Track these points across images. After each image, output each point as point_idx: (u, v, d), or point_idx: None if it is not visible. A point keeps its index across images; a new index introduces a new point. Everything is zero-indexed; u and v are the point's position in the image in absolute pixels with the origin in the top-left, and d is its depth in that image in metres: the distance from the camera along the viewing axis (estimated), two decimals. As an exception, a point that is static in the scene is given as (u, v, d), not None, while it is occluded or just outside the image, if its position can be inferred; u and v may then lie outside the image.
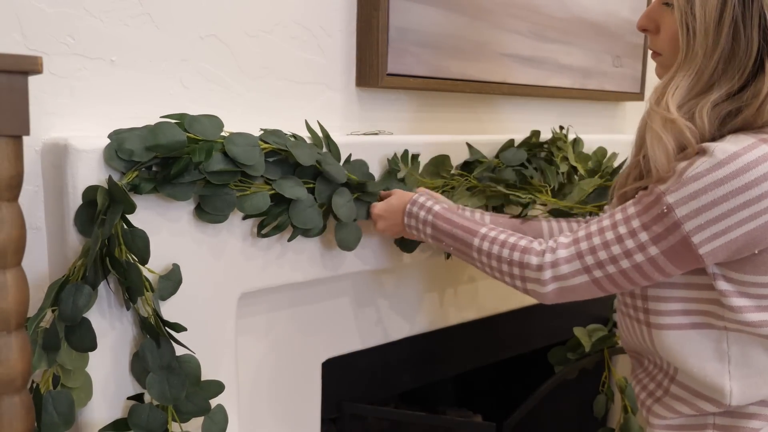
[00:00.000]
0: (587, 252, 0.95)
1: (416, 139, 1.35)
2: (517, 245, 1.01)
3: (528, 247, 1.00)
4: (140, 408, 1.00)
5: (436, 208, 1.12)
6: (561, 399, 1.69)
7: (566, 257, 0.96)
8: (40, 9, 0.97)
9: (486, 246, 1.04)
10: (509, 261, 1.01)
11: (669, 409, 1.02)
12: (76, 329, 0.94)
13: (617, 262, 0.93)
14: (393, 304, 1.43)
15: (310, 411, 1.33)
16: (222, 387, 1.05)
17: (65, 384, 0.95)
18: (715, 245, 0.88)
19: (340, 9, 1.30)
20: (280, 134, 1.11)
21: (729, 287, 0.92)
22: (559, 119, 1.72)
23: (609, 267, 0.94)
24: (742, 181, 0.85)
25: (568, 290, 0.98)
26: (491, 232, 1.05)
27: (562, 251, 0.97)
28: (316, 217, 1.14)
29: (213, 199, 1.04)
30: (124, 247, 0.95)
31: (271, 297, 1.22)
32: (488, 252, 1.04)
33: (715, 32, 0.90)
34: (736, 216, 0.86)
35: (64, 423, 0.94)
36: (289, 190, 1.10)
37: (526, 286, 1.01)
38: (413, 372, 1.55)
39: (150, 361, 0.99)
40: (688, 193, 0.87)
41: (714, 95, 0.91)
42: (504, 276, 1.03)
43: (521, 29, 1.57)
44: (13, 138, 0.73)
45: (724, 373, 0.96)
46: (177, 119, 1.01)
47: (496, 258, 1.03)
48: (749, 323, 0.93)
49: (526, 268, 0.99)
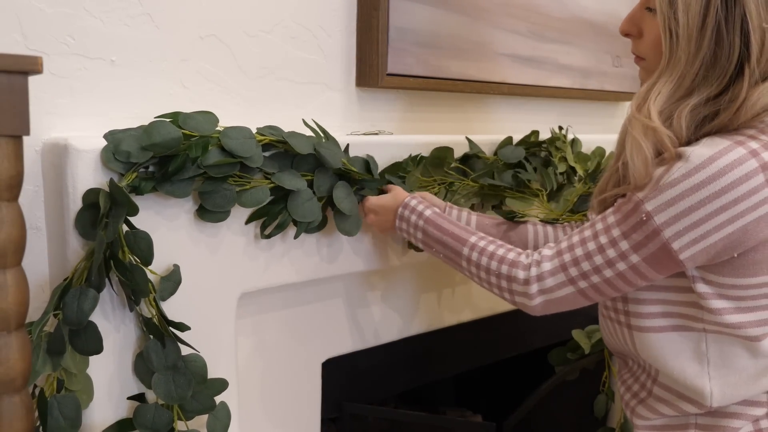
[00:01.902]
0: (571, 264, 0.95)
1: (416, 139, 1.35)
2: (505, 258, 1.02)
3: (515, 260, 1.01)
4: (145, 408, 1.00)
5: (427, 213, 1.13)
6: (561, 399, 1.69)
7: (551, 270, 0.97)
8: (40, 9, 0.97)
9: (475, 256, 1.05)
10: (497, 274, 1.02)
11: (652, 411, 1.03)
12: (81, 333, 0.95)
13: (600, 272, 0.93)
14: (393, 303, 1.43)
15: (310, 411, 1.34)
16: (226, 384, 1.05)
17: (68, 387, 0.95)
18: (694, 250, 0.88)
19: (340, 9, 1.30)
20: (276, 128, 1.12)
21: (708, 290, 0.92)
22: (559, 119, 1.72)
23: (593, 277, 0.94)
24: (718, 185, 0.85)
25: (555, 302, 0.98)
26: (480, 242, 1.06)
27: (546, 264, 0.97)
28: (315, 209, 1.14)
29: (213, 195, 1.04)
30: (126, 249, 0.95)
31: (272, 297, 1.22)
32: (477, 263, 1.05)
33: (698, 37, 0.89)
34: (713, 221, 0.86)
35: (71, 427, 0.94)
36: (288, 181, 1.10)
37: (514, 299, 1.02)
38: (413, 372, 1.55)
39: (155, 361, 0.99)
40: (665, 200, 0.87)
41: (693, 100, 0.91)
42: (492, 287, 1.04)
43: (520, 29, 1.57)
44: (13, 138, 0.73)
45: (703, 375, 0.96)
46: (171, 117, 1.01)
47: (484, 269, 1.04)
48: (729, 325, 0.93)
49: (513, 282, 1.00)
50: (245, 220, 1.11)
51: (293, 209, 1.12)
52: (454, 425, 1.62)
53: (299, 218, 1.13)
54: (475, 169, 1.40)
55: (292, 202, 1.12)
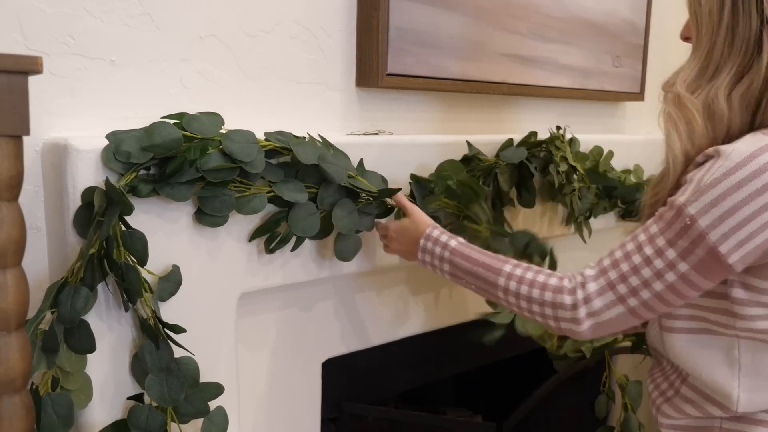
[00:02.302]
0: (618, 281, 0.91)
1: (416, 139, 1.35)
2: (548, 285, 0.97)
3: (559, 286, 0.96)
4: (139, 409, 1.00)
5: (453, 244, 1.08)
6: (561, 399, 1.69)
7: (597, 290, 0.93)
8: (40, 9, 0.97)
9: (513, 286, 1.00)
10: (540, 302, 0.97)
11: (677, 410, 1.02)
12: (75, 331, 0.94)
13: (650, 285, 0.89)
14: (393, 304, 1.43)
15: (310, 411, 1.33)
16: (221, 389, 1.05)
17: (64, 386, 0.95)
18: (742, 252, 0.85)
19: (340, 9, 1.30)
20: (285, 134, 1.11)
21: (744, 295, 0.91)
22: (559, 119, 1.72)
23: (643, 293, 0.90)
24: (760, 182, 0.83)
25: (604, 324, 0.94)
26: (516, 270, 1.01)
27: (591, 285, 0.93)
28: (316, 225, 1.13)
29: (212, 200, 1.03)
30: (122, 248, 0.95)
31: (271, 297, 1.22)
32: (516, 292, 1.00)
33: (719, 11, 0.92)
34: (758, 219, 0.84)
35: (64, 425, 0.93)
36: (288, 193, 1.09)
37: (560, 326, 0.96)
38: (413, 372, 1.55)
39: (149, 362, 0.99)
40: (708, 201, 0.85)
41: (724, 77, 0.92)
42: (535, 316, 0.99)
43: (521, 29, 1.57)
44: (13, 138, 0.73)
45: (733, 380, 0.95)
46: (176, 119, 1.01)
47: (525, 299, 0.99)
48: (762, 331, 0.91)
49: (559, 309, 0.95)
50: (248, 237, 1.11)
51: (293, 223, 1.11)
52: (454, 425, 1.62)
53: (298, 233, 1.11)
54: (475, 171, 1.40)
55: (293, 216, 1.11)
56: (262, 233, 1.11)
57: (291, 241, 1.15)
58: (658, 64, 2.08)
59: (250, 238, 1.11)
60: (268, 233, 1.11)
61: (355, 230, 1.18)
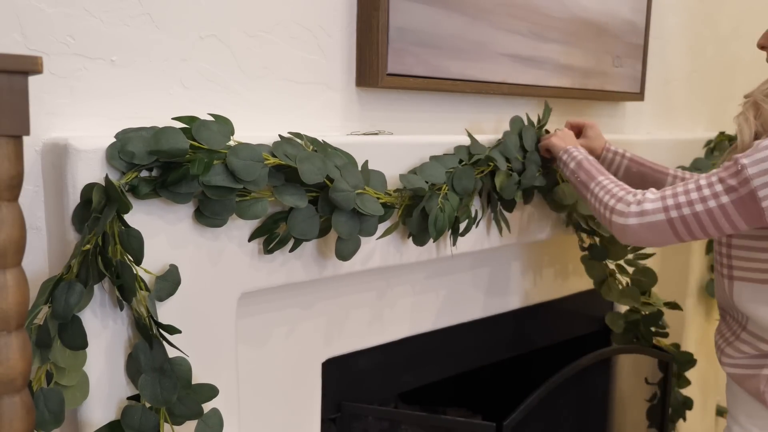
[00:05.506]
0: (670, 196, 1.15)
1: (416, 140, 1.35)
2: (617, 194, 1.22)
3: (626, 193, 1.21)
4: (133, 410, 1.00)
5: (579, 158, 1.36)
6: (561, 399, 1.69)
7: (652, 199, 1.17)
8: (40, 9, 0.97)
9: (596, 190, 1.27)
10: (613, 194, 1.23)
11: (737, 350, 1.27)
12: (68, 327, 0.94)
13: (692, 204, 1.12)
14: (393, 303, 1.43)
15: (310, 411, 1.34)
16: (215, 391, 1.04)
17: (59, 382, 0.95)
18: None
19: (340, 9, 1.30)
20: (295, 144, 1.10)
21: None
22: (560, 119, 1.72)
23: (684, 208, 1.12)
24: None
25: (645, 227, 1.16)
26: (605, 181, 1.27)
27: (649, 195, 1.18)
28: (315, 228, 1.13)
29: (212, 203, 1.03)
30: (119, 246, 0.95)
31: (271, 297, 1.22)
32: (596, 195, 1.27)
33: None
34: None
35: (54, 420, 0.93)
36: (289, 198, 1.09)
37: (612, 218, 1.20)
38: (413, 372, 1.55)
39: (143, 362, 0.99)
40: (760, 156, 1.06)
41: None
42: (600, 206, 1.24)
43: (521, 29, 1.57)
44: (13, 138, 0.72)
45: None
46: (186, 123, 1.00)
47: (599, 200, 1.25)
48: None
49: (619, 201, 1.20)
50: (247, 237, 1.11)
51: (292, 225, 1.11)
52: (454, 425, 1.62)
53: (297, 235, 1.12)
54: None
55: (292, 219, 1.11)
56: (262, 234, 1.11)
57: (290, 242, 1.15)
58: (658, 64, 2.08)
59: (250, 238, 1.11)
60: (268, 234, 1.12)
61: (354, 234, 1.18)
